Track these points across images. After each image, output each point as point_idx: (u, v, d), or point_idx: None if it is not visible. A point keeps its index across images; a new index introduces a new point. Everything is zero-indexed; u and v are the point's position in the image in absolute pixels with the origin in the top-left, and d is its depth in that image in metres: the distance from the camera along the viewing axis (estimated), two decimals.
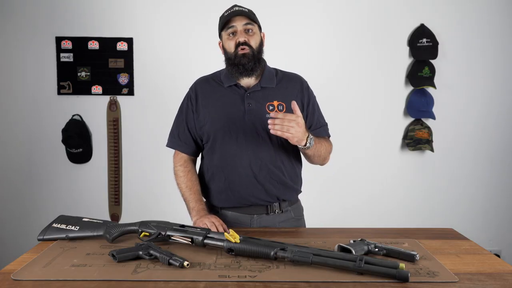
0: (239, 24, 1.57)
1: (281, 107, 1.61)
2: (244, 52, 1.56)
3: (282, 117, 1.40)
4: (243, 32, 1.58)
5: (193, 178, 1.69)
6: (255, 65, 1.59)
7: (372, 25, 2.96)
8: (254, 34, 1.59)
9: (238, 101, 1.62)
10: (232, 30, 1.58)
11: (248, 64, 1.57)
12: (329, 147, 1.68)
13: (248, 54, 1.57)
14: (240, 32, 1.57)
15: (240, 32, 1.57)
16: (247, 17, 1.57)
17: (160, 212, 2.70)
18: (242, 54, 1.56)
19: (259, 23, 1.64)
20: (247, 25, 1.57)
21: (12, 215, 2.99)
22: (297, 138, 1.44)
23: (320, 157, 1.62)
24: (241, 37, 1.57)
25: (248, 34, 1.58)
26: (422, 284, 1.09)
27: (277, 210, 1.66)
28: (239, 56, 1.57)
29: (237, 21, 1.57)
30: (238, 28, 1.57)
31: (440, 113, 2.98)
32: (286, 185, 1.65)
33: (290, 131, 1.41)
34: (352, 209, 3.03)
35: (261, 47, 1.63)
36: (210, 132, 1.63)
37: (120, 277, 1.11)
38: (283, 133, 1.41)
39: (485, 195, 3.13)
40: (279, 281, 1.09)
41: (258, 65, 1.60)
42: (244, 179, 1.61)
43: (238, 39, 1.57)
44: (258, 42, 1.61)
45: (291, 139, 1.44)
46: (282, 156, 1.64)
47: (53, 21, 2.86)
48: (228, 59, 1.61)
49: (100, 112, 2.94)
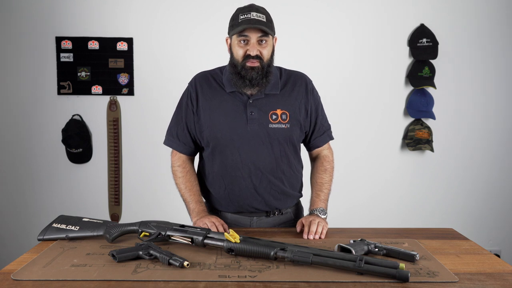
0: (254, 36, 1.47)
1: (285, 116, 1.57)
2: (253, 66, 1.48)
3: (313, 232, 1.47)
4: (256, 44, 1.48)
5: (192, 178, 1.67)
6: (262, 79, 1.51)
7: (372, 25, 2.96)
8: (267, 45, 1.50)
9: (241, 109, 1.56)
10: (245, 38, 1.48)
11: (255, 79, 1.49)
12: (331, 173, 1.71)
13: (257, 68, 1.48)
14: (252, 45, 1.47)
15: (253, 45, 1.47)
16: (263, 30, 1.46)
17: (160, 212, 2.71)
18: (250, 67, 1.48)
19: (274, 30, 1.53)
20: (261, 37, 1.47)
21: (12, 215, 2.99)
22: (326, 227, 1.53)
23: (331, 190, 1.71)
24: (253, 51, 1.47)
25: (260, 45, 1.49)
26: (422, 284, 1.09)
27: (277, 213, 1.66)
28: (246, 69, 1.48)
29: (252, 33, 1.46)
30: (252, 40, 1.47)
31: (440, 113, 2.98)
32: (286, 194, 1.65)
33: (323, 232, 1.49)
34: (352, 209, 3.03)
35: (272, 58, 1.55)
36: (210, 139, 1.59)
37: (120, 277, 1.11)
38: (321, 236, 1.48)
39: (485, 195, 3.13)
40: (279, 281, 1.09)
41: (266, 79, 1.52)
42: (244, 190, 1.59)
43: (249, 52, 1.47)
44: (270, 52, 1.52)
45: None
46: (284, 166, 1.61)
47: (53, 21, 2.86)
48: (234, 67, 1.52)
49: (100, 112, 2.94)
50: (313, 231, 1.46)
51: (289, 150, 1.61)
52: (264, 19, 1.47)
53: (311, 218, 1.52)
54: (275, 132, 1.56)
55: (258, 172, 1.57)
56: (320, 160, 1.71)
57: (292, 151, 1.63)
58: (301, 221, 1.54)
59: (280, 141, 1.57)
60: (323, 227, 1.49)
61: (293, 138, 1.60)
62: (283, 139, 1.58)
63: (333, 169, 1.72)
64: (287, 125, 1.57)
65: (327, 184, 1.68)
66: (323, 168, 1.69)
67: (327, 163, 1.70)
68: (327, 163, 1.70)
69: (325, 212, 1.61)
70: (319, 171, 1.69)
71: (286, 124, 1.57)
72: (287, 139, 1.59)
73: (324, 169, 1.69)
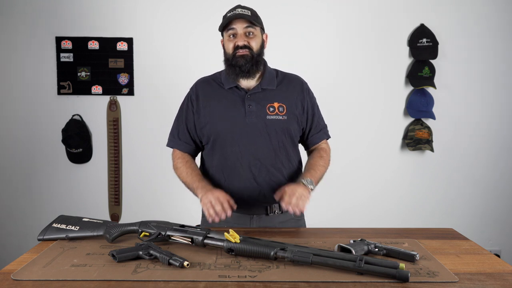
0: (240, 27, 1.58)
1: (282, 108, 1.62)
2: (242, 54, 1.57)
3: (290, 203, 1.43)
4: (243, 35, 1.59)
5: (193, 165, 1.68)
6: (252, 67, 1.59)
7: (372, 25, 2.96)
8: (254, 36, 1.60)
9: (239, 103, 1.62)
10: (233, 32, 1.59)
11: (245, 65, 1.57)
12: (327, 161, 1.70)
13: (246, 55, 1.57)
14: (240, 36, 1.58)
15: (240, 36, 1.58)
16: (248, 20, 1.57)
17: (160, 212, 2.71)
18: (239, 56, 1.57)
19: (262, 25, 1.64)
20: (247, 28, 1.58)
21: (12, 215, 2.99)
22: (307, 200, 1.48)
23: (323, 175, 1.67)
24: (241, 41, 1.58)
25: (248, 37, 1.59)
26: (422, 284, 1.09)
27: (276, 211, 1.66)
28: (236, 57, 1.58)
29: (238, 24, 1.58)
30: (239, 31, 1.58)
31: (440, 113, 2.98)
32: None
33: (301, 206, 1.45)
34: (352, 209, 3.03)
35: (262, 49, 1.64)
36: (211, 133, 1.64)
37: (120, 277, 1.11)
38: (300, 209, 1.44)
39: (485, 195, 3.13)
40: (279, 281, 1.09)
41: (256, 67, 1.60)
42: (243, 181, 1.61)
43: (237, 43, 1.58)
44: (259, 44, 1.61)
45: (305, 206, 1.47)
46: (282, 157, 1.64)
47: (53, 21, 2.86)
48: (226, 60, 1.63)
49: (100, 112, 2.94)
50: (290, 202, 1.43)
51: (287, 142, 1.64)
52: (249, 13, 1.59)
53: (294, 188, 1.48)
54: (272, 123, 1.60)
55: (257, 162, 1.60)
56: (317, 150, 1.74)
57: (290, 144, 1.66)
58: (284, 188, 1.50)
59: (278, 132, 1.61)
60: (303, 200, 1.45)
61: (291, 130, 1.63)
62: (281, 130, 1.61)
63: (329, 161, 1.73)
64: (284, 117, 1.62)
65: (321, 167, 1.66)
66: (319, 155, 1.71)
67: (324, 152, 1.72)
68: (323, 152, 1.72)
69: (313, 183, 1.56)
70: (315, 157, 1.70)
71: (283, 116, 1.62)
72: (285, 130, 1.62)
73: (320, 155, 1.70)
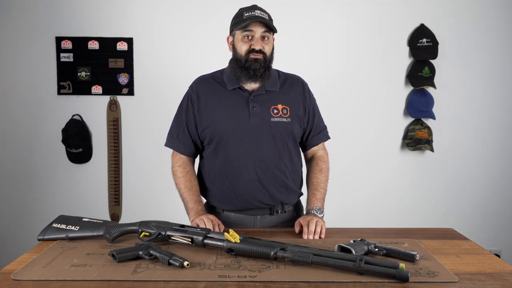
0: (258, 31, 1.54)
1: (285, 110, 1.62)
2: (257, 58, 1.55)
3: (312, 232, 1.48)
4: (260, 39, 1.56)
5: (192, 179, 1.69)
6: (265, 72, 1.57)
7: (372, 25, 2.96)
8: (269, 41, 1.58)
9: (243, 104, 1.60)
10: (250, 34, 1.55)
11: (259, 70, 1.55)
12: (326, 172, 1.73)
13: (260, 60, 1.55)
14: (257, 40, 1.55)
15: (257, 40, 1.55)
16: (266, 25, 1.55)
17: (160, 212, 2.70)
18: (254, 59, 1.55)
19: (275, 29, 1.60)
20: (265, 33, 1.55)
21: (12, 215, 2.99)
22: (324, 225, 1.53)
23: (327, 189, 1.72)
24: (257, 45, 1.55)
25: (263, 41, 1.57)
26: (422, 284, 1.09)
27: (280, 211, 1.67)
28: (250, 60, 1.55)
29: (256, 27, 1.54)
30: (256, 35, 1.55)
31: (440, 113, 2.98)
32: (289, 188, 1.66)
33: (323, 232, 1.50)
34: (352, 209, 3.03)
35: (272, 54, 1.62)
36: (214, 134, 1.61)
37: (120, 277, 1.11)
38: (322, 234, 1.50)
39: (485, 195, 3.13)
40: (279, 281, 1.09)
41: (268, 72, 1.59)
42: (248, 183, 1.61)
43: (254, 46, 1.55)
44: (271, 49, 1.60)
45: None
46: (286, 160, 1.64)
47: (53, 21, 2.86)
48: (237, 61, 1.58)
49: (100, 112, 2.94)
50: (312, 230, 1.48)
51: (291, 144, 1.65)
52: (267, 17, 1.57)
53: (309, 218, 1.53)
54: (277, 125, 1.60)
55: (262, 164, 1.60)
56: (315, 160, 1.74)
57: (293, 146, 1.66)
58: (299, 221, 1.55)
59: (282, 134, 1.61)
60: (321, 226, 1.50)
61: (294, 132, 1.64)
62: (285, 132, 1.62)
63: (329, 169, 1.74)
64: (288, 119, 1.62)
65: (323, 183, 1.70)
66: (319, 168, 1.72)
67: (322, 163, 1.73)
68: (322, 163, 1.73)
69: (322, 211, 1.63)
70: (315, 171, 1.72)
71: (287, 118, 1.62)
72: (288, 132, 1.63)
73: (320, 169, 1.72)
